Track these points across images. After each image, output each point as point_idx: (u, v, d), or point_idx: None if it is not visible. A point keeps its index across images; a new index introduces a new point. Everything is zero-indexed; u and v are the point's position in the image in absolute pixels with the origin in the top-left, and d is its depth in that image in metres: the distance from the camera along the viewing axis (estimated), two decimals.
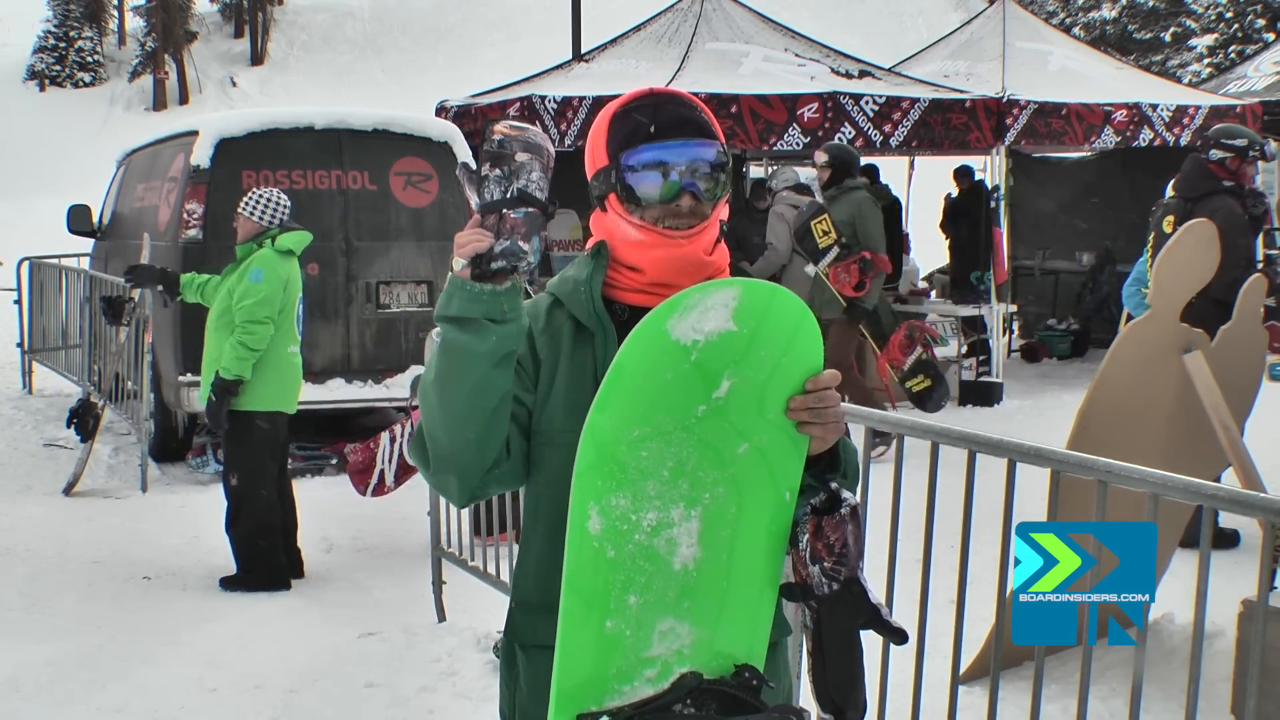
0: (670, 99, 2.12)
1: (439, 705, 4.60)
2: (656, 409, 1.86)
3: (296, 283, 6.14)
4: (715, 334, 1.86)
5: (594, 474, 1.85)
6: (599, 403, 1.86)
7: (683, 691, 1.88)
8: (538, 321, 2.10)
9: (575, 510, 1.85)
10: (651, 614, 1.87)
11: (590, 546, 1.85)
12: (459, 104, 11.99)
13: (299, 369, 6.23)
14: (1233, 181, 6.32)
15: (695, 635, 1.90)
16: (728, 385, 1.87)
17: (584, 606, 1.85)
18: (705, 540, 1.89)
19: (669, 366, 1.85)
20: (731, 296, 1.86)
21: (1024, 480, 3.29)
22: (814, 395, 1.93)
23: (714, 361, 1.86)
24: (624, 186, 2.06)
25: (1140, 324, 4.75)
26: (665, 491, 1.87)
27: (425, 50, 48.56)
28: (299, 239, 6.19)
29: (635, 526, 1.86)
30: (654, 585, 1.87)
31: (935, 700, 3.54)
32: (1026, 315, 13.95)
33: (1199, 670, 2.91)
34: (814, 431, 1.94)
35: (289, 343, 6.12)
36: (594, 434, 1.85)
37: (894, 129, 10.63)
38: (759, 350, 1.89)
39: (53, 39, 47.22)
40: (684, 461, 1.87)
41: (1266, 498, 2.91)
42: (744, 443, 1.90)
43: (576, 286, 2.10)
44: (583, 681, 1.87)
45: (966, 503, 3.37)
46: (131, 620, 5.54)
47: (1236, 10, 35.77)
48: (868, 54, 14.82)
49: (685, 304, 1.85)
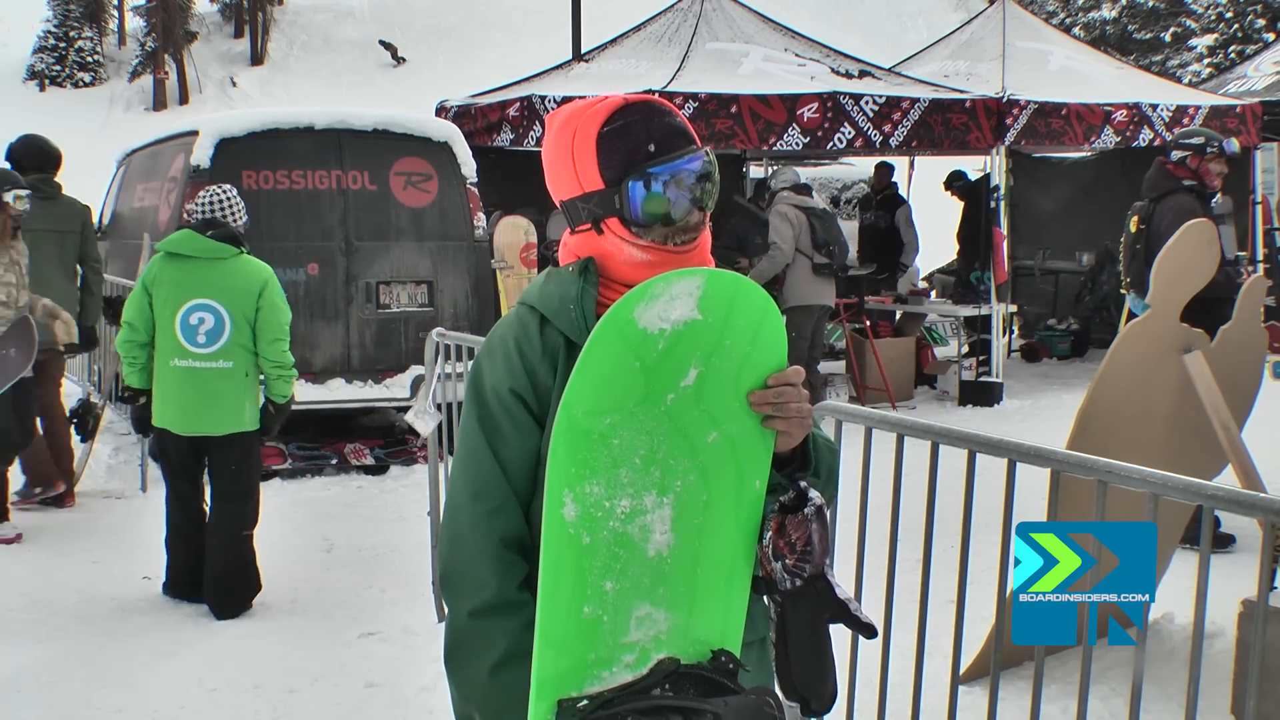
0: (653, 110, 2.05)
1: (439, 705, 4.60)
2: (626, 397, 1.87)
3: (181, 288, 5.53)
4: (681, 322, 1.88)
5: (567, 461, 1.86)
6: (570, 391, 1.87)
7: (661, 676, 1.90)
8: (532, 344, 2.03)
9: (550, 497, 1.86)
10: (628, 600, 1.90)
11: (566, 533, 1.86)
12: (459, 104, 11.99)
13: (196, 384, 5.54)
14: (1194, 181, 6.52)
15: (671, 621, 1.93)
16: (695, 374, 1.90)
17: (561, 593, 1.87)
18: (678, 527, 1.92)
19: (637, 354, 1.87)
20: (695, 285, 1.88)
21: (1024, 480, 3.29)
22: (774, 390, 1.94)
23: (681, 350, 1.89)
24: (632, 210, 2.01)
25: (1140, 324, 4.75)
26: (638, 479, 1.89)
27: (425, 50, 48.55)
28: (178, 239, 5.66)
29: (609, 513, 1.88)
30: (629, 571, 1.89)
31: (935, 700, 3.54)
32: (1026, 315, 13.95)
33: (1199, 670, 2.91)
34: (777, 426, 1.96)
35: (172, 354, 5.54)
36: (566, 421, 1.87)
37: (894, 129, 10.63)
38: (725, 339, 1.91)
39: (53, 39, 47.19)
40: (655, 449, 1.89)
41: (1266, 498, 2.91)
42: (713, 431, 1.92)
43: (564, 304, 2.03)
44: (563, 668, 1.88)
45: (966, 503, 3.37)
46: (131, 620, 5.54)
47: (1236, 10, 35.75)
48: (868, 54, 14.82)
49: (651, 293, 1.87)
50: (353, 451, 8.44)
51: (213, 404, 5.58)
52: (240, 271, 5.63)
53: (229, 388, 5.59)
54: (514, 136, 11.14)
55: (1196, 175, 6.56)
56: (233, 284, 5.59)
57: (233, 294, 5.57)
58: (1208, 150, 6.55)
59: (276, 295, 5.67)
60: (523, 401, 2.03)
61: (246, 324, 5.58)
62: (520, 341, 2.04)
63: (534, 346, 2.03)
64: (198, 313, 5.53)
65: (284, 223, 8.13)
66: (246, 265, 5.67)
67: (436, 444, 5.57)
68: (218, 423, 5.60)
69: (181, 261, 5.60)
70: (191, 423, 5.60)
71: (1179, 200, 6.45)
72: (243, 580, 5.68)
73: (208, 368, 5.55)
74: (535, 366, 2.03)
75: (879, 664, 3.56)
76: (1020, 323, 13.97)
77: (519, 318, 2.08)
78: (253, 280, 5.62)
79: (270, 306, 5.63)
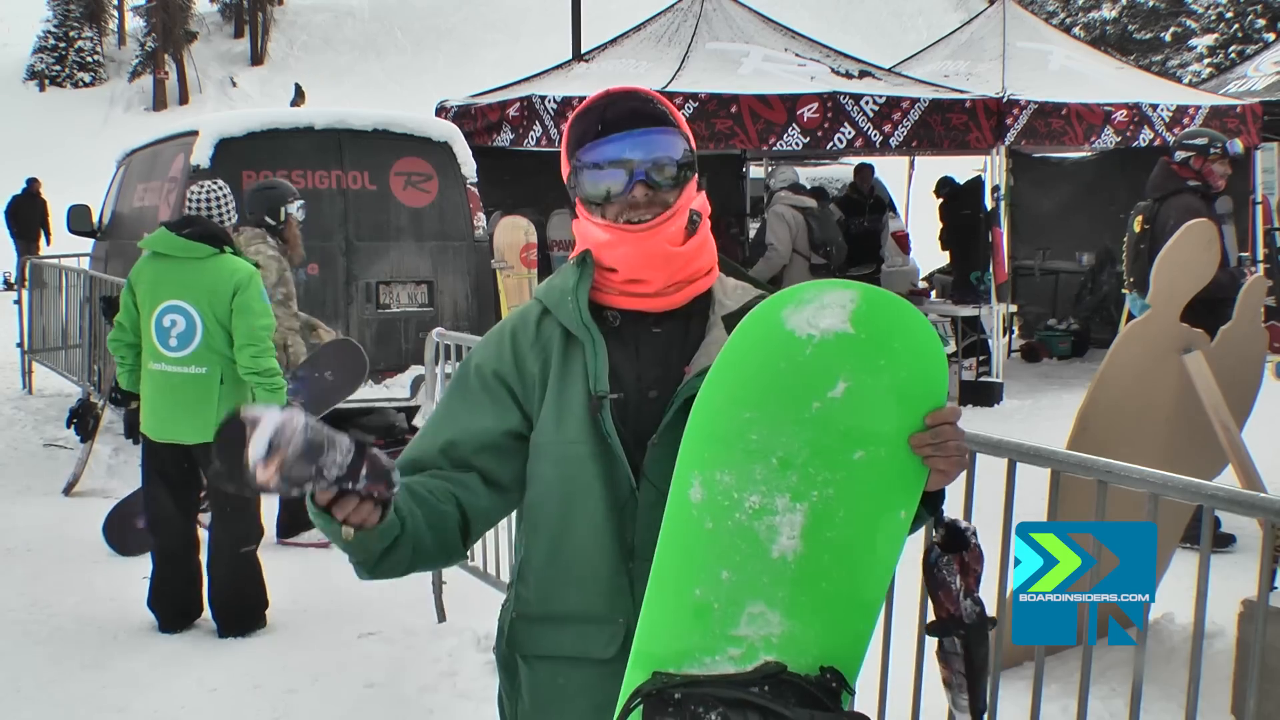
0: (622, 95, 2.08)
1: (439, 705, 4.60)
2: (769, 396, 1.84)
3: (157, 287, 5.33)
4: (831, 332, 1.83)
5: (701, 444, 1.84)
6: (711, 378, 1.85)
7: (761, 676, 1.86)
8: (527, 333, 2.08)
9: (680, 476, 1.85)
10: (742, 593, 1.86)
11: (690, 514, 1.84)
12: (459, 104, 11.99)
13: (168, 389, 5.30)
14: (1198, 181, 6.53)
15: (786, 627, 1.89)
16: (844, 387, 1.85)
17: (676, 571, 1.85)
18: (808, 536, 1.87)
19: (782, 355, 1.83)
20: (850, 299, 1.84)
21: (1024, 480, 3.29)
22: (933, 431, 1.87)
23: (829, 360, 1.84)
24: (581, 190, 2.05)
25: (1140, 324, 4.75)
26: (772, 479, 1.85)
27: (425, 50, 48.57)
28: (153, 237, 5.43)
29: (737, 505, 1.85)
30: (748, 566, 1.86)
31: (935, 700, 3.54)
32: (1026, 315, 13.95)
33: (1199, 670, 2.91)
34: (937, 465, 1.89)
35: (150, 357, 5.32)
36: (706, 406, 1.84)
37: (894, 129, 10.63)
38: (878, 359, 1.85)
39: (53, 39, 47.25)
40: (794, 454, 1.85)
41: (1266, 498, 2.91)
42: (860, 450, 1.87)
43: (563, 296, 2.06)
44: (665, 645, 1.86)
45: (967, 503, 3.37)
46: (132, 620, 5.54)
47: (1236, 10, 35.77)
48: (868, 54, 14.82)
49: (801, 297, 1.83)
50: None
51: (187, 410, 5.26)
52: (215, 271, 5.31)
53: (202, 394, 5.26)
54: (514, 136, 11.14)
55: (1200, 176, 6.56)
56: (206, 284, 5.28)
57: (205, 295, 5.27)
58: (1211, 151, 6.55)
59: (253, 298, 5.29)
60: (503, 382, 2.06)
61: (220, 328, 5.28)
62: (516, 329, 2.09)
63: (528, 335, 2.08)
64: (170, 314, 5.28)
65: None
66: (223, 265, 5.33)
67: None
68: (193, 431, 5.24)
69: (160, 260, 5.37)
70: (166, 429, 5.32)
71: (1184, 200, 6.45)
72: (247, 600, 5.44)
73: (180, 372, 5.28)
74: (524, 354, 2.06)
75: (879, 664, 3.56)
76: (1020, 323, 13.97)
77: (524, 309, 2.14)
78: (226, 280, 5.28)
79: (243, 309, 5.26)
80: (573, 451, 2.00)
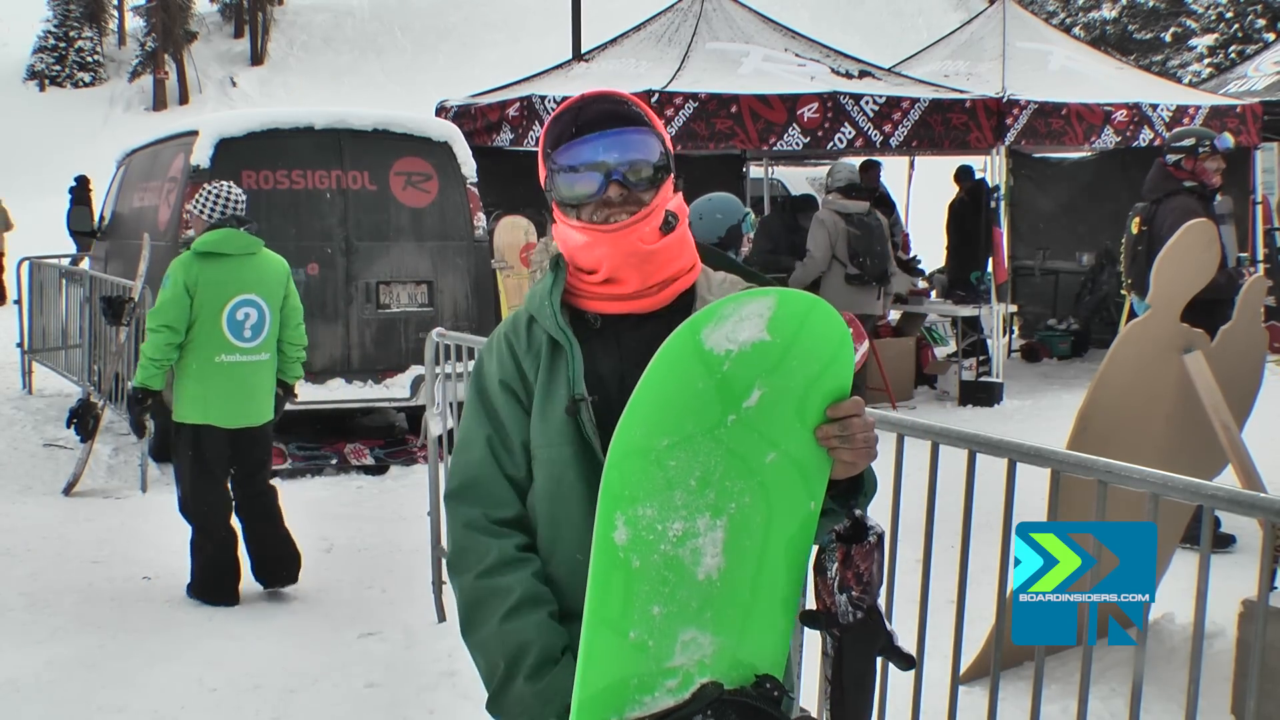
0: (597, 98, 2.09)
1: (439, 705, 4.60)
2: (685, 418, 1.83)
3: (224, 285, 5.66)
4: (749, 344, 1.83)
5: (621, 484, 1.83)
6: (629, 413, 1.84)
7: (703, 702, 1.87)
8: (520, 340, 2.09)
9: (602, 519, 1.84)
10: (674, 624, 1.86)
11: (616, 557, 1.83)
12: (459, 104, 11.99)
13: (241, 378, 5.73)
14: (1194, 181, 6.52)
15: (717, 645, 1.89)
16: (759, 395, 1.85)
17: (608, 617, 1.84)
18: (730, 549, 1.87)
19: (701, 376, 1.83)
20: (767, 306, 1.84)
21: (1024, 480, 3.28)
22: (839, 423, 1.89)
23: (746, 371, 1.84)
24: (556, 192, 2.05)
25: (1140, 324, 4.75)
26: (692, 500, 1.85)
27: (425, 50, 48.56)
28: (218, 239, 5.69)
29: (661, 536, 1.84)
30: (678, 595, 1.86)
31: (935, 700, 3.54)
32: (1026, 315, 13.95)
33: (1199, 670, 2.91)
34: (843, 457, 1.91)
35: (218, 350, 5.67)
36: (623, 444, 1.84)
37: (894, 129, 10.63)
38: (791, 360, 1.86)
39: (53, 39, 47.23)
40: (711, 470, 1.85)
41: (1266, 498, 2.91)
42: (772, 451, 1.88)
43: (543, 302, 2.08)
44: (603, 690, 1.85)
45: (966, 503, 3.37)
46: (131, 620, 5.54)
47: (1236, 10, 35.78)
48: (868, 54, 14.82)
49: (720, 314, 1.83)
50: (353, 451, 8.44)
51: (255, 396, 5.80)
52: (269, 265, 5.86)
53: (267, 378, 5.86)
54: (514, 136, 11.14)
55: (1195, 175, 6.56)
56: (268, 277, 5.81)
57: (269, 287, 5.80)
58: (1200, 149, 6.54)
59: (293, 285, 5.99)
60: (512, 392, 2.07)
61: (279, 315, 5.85)
62: (510, 338, 2.11)
63: (521, 343, 2.09)
64: (244, 308, 5.71)
65: (284, 223, 8.12)
66: (271, 258, 5.90)
67: (437, 444, 5.57)
68: (258, 413, 5.83)
69: (217, 260, 5.69)
70: (238, 416, 5.76)
71: (1181, 201, 6.45)
72: (295, 551, 5.92)
73: (253, 360, 5.76)
74: (521, 361, 2.08)
75: (879, 664, 3.56)
76: (1020, 323, 13.97)
77: (515, 316, 2.15)
78: (281, 271, 5.89)
79: (293, 293, 5.95)
80: (557, 455, 2.01)
